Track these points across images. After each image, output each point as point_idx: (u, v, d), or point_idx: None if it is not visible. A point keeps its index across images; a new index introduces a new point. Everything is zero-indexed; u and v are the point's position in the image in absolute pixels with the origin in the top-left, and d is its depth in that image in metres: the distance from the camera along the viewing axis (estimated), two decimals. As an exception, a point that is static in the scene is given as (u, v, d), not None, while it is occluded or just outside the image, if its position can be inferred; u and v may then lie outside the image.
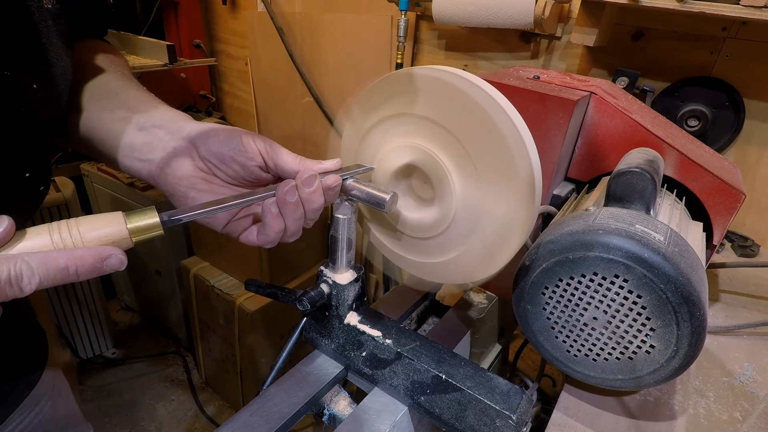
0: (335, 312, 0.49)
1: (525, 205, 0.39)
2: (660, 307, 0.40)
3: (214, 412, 1.70)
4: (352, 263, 0.49)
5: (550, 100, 0.53)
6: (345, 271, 0.48)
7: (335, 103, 1.61)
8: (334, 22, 1.48)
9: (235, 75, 1.97)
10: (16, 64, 0.36)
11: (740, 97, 0.91)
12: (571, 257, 0.43)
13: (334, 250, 0.47)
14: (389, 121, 0.45)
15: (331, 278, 0.48)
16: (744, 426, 0.50)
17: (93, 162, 1.81)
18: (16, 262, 0.28)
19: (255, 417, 0.45)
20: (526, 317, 0.48)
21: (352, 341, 0.49)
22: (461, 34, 1.24)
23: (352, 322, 0.49)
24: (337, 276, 0.48)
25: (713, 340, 0.64)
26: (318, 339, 0.51)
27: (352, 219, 0.46)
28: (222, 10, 1.85)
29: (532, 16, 0.97)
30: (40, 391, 0.57)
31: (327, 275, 0.48)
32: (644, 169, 0.46)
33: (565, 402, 0.53)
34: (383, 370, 0.47)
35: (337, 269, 0.48)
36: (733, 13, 0.71)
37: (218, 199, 0.38)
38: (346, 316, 0.49)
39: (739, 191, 0.54)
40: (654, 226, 0.43)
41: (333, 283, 0.48)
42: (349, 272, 0.48)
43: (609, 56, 1.03)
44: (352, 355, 0.49)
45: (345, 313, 0.49)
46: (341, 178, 0.42)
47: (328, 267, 0.49)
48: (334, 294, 0.48)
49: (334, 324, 0.50)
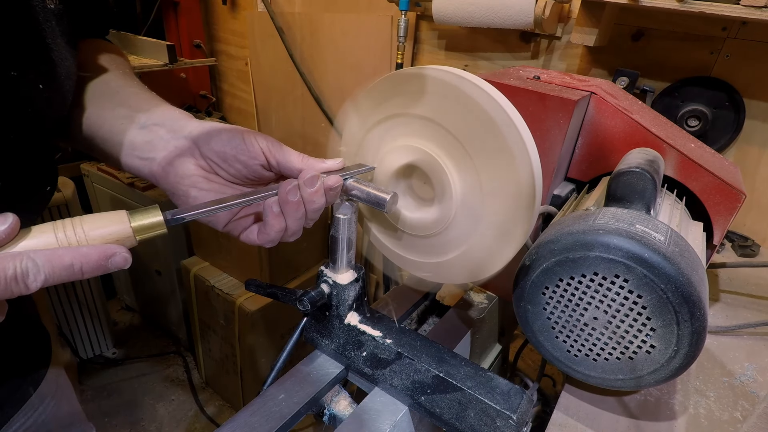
0: (336, 312, 0.49)
1: (525, 205, 0.39)
2: (660, 307, 0.40)
3: (214, 412, 1.70)
4: (352, 263, 0.49)
5: (550, 100, 0.53)
6: (345, 271, 0.48)
7: (335, 103, 1.61)
8: (334, 22, 1.48)
9: (235, 75, 1.97)
10: (23, 64, 0.36)
11: (740, 97, 0.91)
12: (571, 257, 0.43)
13: (335, 250, 0.47)
14: (390, 120, 0.45)
15: (331, 278, 0.48)
16: (744, 426, 0.50)
17: (93, 162, 1.80)
18: (21, 259, 0.28)
19: (255, 417, 0.45)
20: (527, 317, 0.48)
21: (353, 341, 0.49)
22: (461, 34, 1.24)
23: (353, 322, 0.49)
24: (337, 276, 0.48)
25: (713, 340, 0.64)
26: (318, 339, 0.52)
27: (353, 219, 0.46)
28: (222, 10, 1.85)
29: (532, 16, 0.97)
30: (44, 390, 0.57)
31: (327, 275, 0.48)
32: (644, 169, 0.46)
33: (565, 402, 0.53)
34: (384, 370, 0.47)
35: (338, 269, 0.48)
36: (733, 13, 0.71)
37: (220, 198, 0.38)
38: (346, 316, 0.49)
39: (739, 191, 0.54)
40: (654, 226, 0.43)
41: (333, 283, 0.48)
42: (350, 272, 0.48)
43: (609, 56, 1.03)
44: (353, 355, 0.49)
45: (345, 313, 0.49)
46: (342, 179, 0.42)
47: (328, 267, 0.49)
48: (335, 294, 0.48)
49: (334, 324, 0.50)
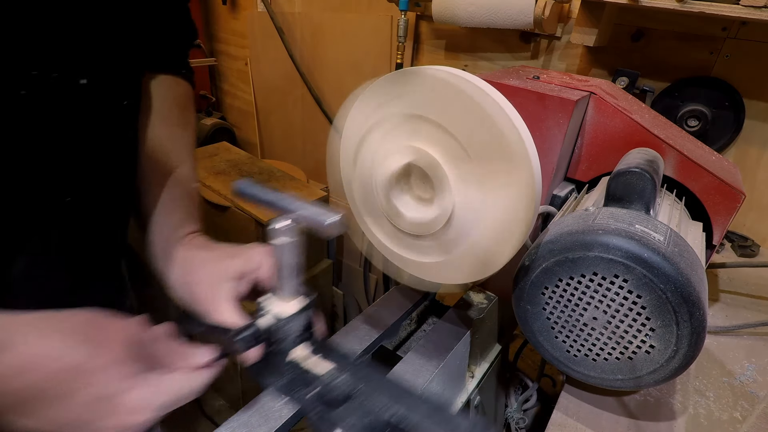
0: (279, 347, 0.44)
1: (525, 205, 0.39)
2: (660, 307, 0.40)
3: (214, 412, 1.70)
4: (299, 291, 0.43)
5: (550, 100, 0.53)
6: (290, 300, 0.42)
7: (335, 103, 1.61)
8: (334, 22, 1.48)
9: (235, 75, 1.97)
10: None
11: (740, 97, 0.91)
12: (570, 257, 0.43)
13: (277, 278, 0.42)
14: (390, 120, 0.45)
15: (272, 310, 0.42)
16: (744, 426, 0.50)
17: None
18: None
19: (255, 417, 0.45)
20: (526, 317, 0.48)
21: (300, 379, 0.43)
22: (461, 34, 1.24)
23: (300, 358, 0.43)
24: (280, 306, 0.42)
25: (713, 340, 0.64)
26: (263, 375, 0.45)
27: (294, 243, 0.40)
28: (222, 10, 1.85)
29: (532, 16, 0.97)
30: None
31: (267, 306, 0.43)
32: (644, 169, 0.46)
33: (565, 402, 0.53)
34: (336, 411, 0.42)
35: (281, 298, 0.43)
36: (733, 13, 0.71)
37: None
38: (292, 351, 0.44)
39: (739, 191, 0.54)
40: (654, 226, 0.43)
41: (275, 314, 0.42)
42: (295, 301, 0.42)
43: (609, 56, 1.03)
44: (301, 395, 0.43)
45: (291, 348, 0.44)
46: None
47: (271, 296, 0.43)
48: (278, 326, 0.43)
49: (279, 360, 0.44)
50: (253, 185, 0.41)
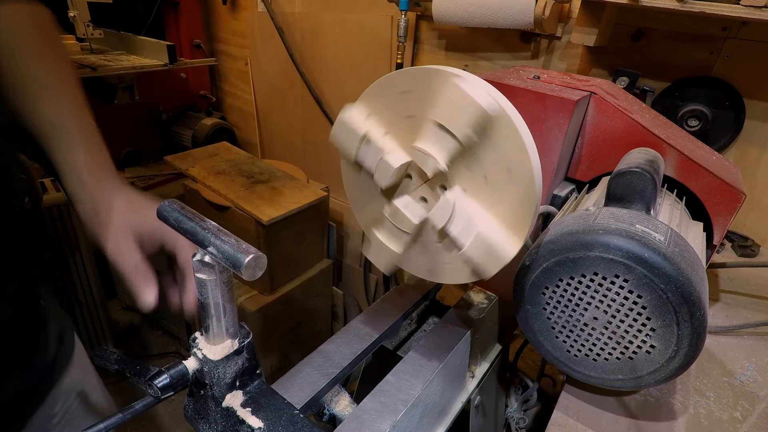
0: (210, 392, 0.39)
1: (525, 205, 0.39)
2: (660, 307, 0.40)
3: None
4: (231, 331, 0.38)
5: (550, 100, 0.53)
6: (221, 342, 0.38)
7: (335, 103, 1.61)
8: (334, 22, 1.48)
9: (235, 75, 1.97)
10: None
11: (740, 97, 0.91)
12: (571, 257, 0.43)
13: (203, 317, 0.37)
14: (389, 120, 0.45)
15: (202, 351, 0.38)
16: (744, 426, 0.50)
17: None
18: None
19: (255, 417, 0.45)
20: (527, 317, 0.48)
21: (231, 430, 0.40)
22: (461, 34, 1.24)
23: (233, 406, 0.39)
24: (210, 348, 0.38)
25: (713, 340, 0.64)
26: (196, 420, 0.42)
27: (216, 281, 0.35)
28: (222, 10, 1.86)
29: (532, 16, 0.97)
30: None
31: (197, 346, 0.38)
32: (644, 169, 0.46)
33: (565, 402, 0.53)
34: None
35: (210, 340, 0.38)
36: (733, 13, 0.71)
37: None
38: (224, 398, 0.39)
39: (739, 191, 0.54)
40: (654, 226, 0.43)
41: (204, 357, 0.38)
42: (227, 343, 0.38)
43: (609, 56, 1.03)
44: None
45: (223, 394, 0.39)
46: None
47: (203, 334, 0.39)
48: (207, 371, 0.38)
49: (210, 406, 0.40)
50: (174, 209, 0.36)
